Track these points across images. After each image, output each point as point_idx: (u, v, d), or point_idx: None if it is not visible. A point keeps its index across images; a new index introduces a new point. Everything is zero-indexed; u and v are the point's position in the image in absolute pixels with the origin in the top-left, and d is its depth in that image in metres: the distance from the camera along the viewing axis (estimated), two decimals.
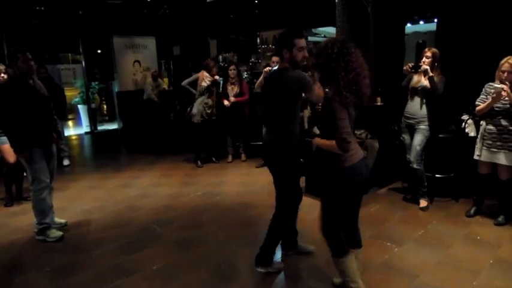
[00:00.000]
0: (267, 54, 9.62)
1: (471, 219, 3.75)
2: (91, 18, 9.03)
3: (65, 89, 6.83)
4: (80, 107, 9.74)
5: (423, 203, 4.05)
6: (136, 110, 9.19)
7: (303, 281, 2.84)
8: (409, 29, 7.81)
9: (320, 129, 2.55)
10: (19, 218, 4.14)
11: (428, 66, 3.73)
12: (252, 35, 10.83)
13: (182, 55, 10.26)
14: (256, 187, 4.97)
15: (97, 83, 10.53)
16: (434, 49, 3.84)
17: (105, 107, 12.26)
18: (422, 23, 8.54)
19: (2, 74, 4.14)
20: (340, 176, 2.27)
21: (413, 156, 3.94)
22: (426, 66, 3.73)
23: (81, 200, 4.68)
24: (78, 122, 10.35)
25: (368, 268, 2.89)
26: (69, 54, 12.16)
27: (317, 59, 2.24)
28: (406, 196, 4.33)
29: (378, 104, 4.67)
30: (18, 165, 4.19)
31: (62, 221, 3.90)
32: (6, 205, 4.50)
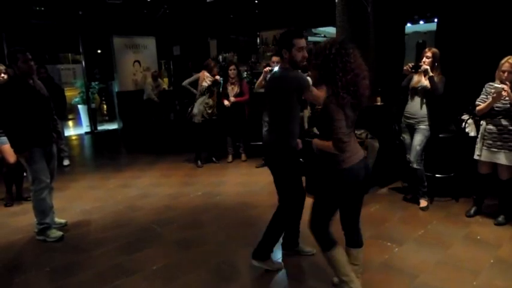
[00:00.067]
0: (267, 54, 9.62)
1: (471, 219, 3.75)
2: (91, 18, 9.03)
3: (65, 89, 6.84)
4: (80, 107, 9.75)
5: (423, 203, 4.05)
6: (136, 110, 9.19)
7: (303, 280, 2.84)
8: (409, 28, 7.81)
9: (319, 130, 2.57)
10: (19, 218, 4.14)
11: (429, 66, 3.73)
12: (252, 35, 10.83)
13: (182, 55, 10.25)
14: (256, 187, 4.97)
15: (97, 83, 10.54)
16: (435, 49, 3.84)
17: (105, 107, 12.27)
18: (423, 22, 8.55)
19: (2, 74, 4.14)
20: (337, 178, 2.28)
21: (413, 156, 3.94)
22: (426, 66, 3.73)
23: (81, 200, 4.69)
24: (78, 122, 10.36)
25: (368, 268, 2.89)
26: (69, 54, 12.17)
27: (316, 59, 2.26)
28: (406, 196, 4.33)
29: (378, 104, 4.67)
30: (18, 165, 4.20)
31: (62, 221, 3.91)
32: (6, 205, 4.50)
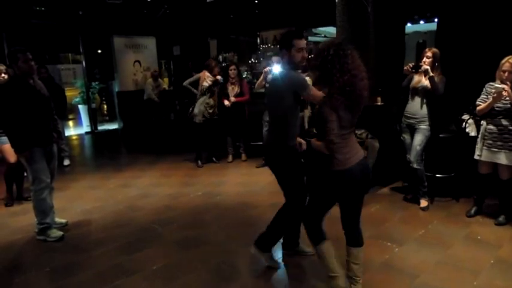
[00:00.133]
0: (267, 54, 9.64)
1: (472, 219, 3.75)
2: (91, 18, 9.03)
3: (65, 89, 6.83)
4: (81, 107, 9.76)
5: (423, 203, 4.05)
6: (136, 110, 9.19)
7: (304, 280, 2.83)
8: (410, 28, 7.81)
9: (316, 130, 2.60)
10: (19, 218, 4.14)
11: (429, 66, 3.72)
12: (252, 35, 10.84)
13: (182, 55, 10.26)
14: (256, 187, 4.97)
15: (97, 83, 10.55)
16: (435, 49, 3.84)
17: (105, 107, 12.27)
18: (423, 22, 8.54)
19: (3, 74, 4.15)
20: (334, 179, 2.31)
21: (413, 156, 3.94)
22: (427, 66, 3.72)
23: (82, 200, 4.69)
24: (78, 122, 10.36)
25: (368, 268, 2.88)
26: (70, 54, 12.16)
27: (315, 60, 2.29)
28: (407, 196, 4.32)
29: (378, 104, 4.67)
30: (18, 165, 4.20)
31: (63, 220, 3.91)
32: (6, 205, 4.50)
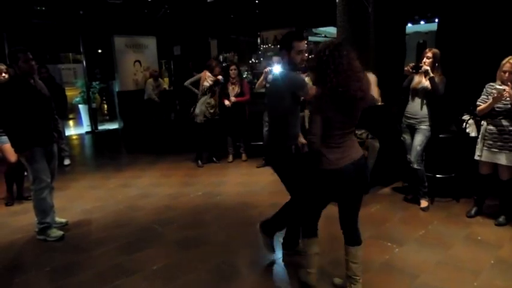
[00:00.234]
0: (268, 54, 9.64)
1: (472, 220, 3.75)
2: (92, 18, 9.04)
3: (65, 88, 6.83)
4: (81, 106, 9.76)
5: (424, 203, 4.04)
6: (137, 109, 9.19)
7: None
8: (410, 28, 7.80)
9: None
10: (20, 218, 4.14)
11: (429, 66, 3.72)
12: (252, 35, 10.84)
13: (183, 55, 10.27)
14: (256, 187, 4.96)
15: (98, 82, 10.55)
16: (435, 49, 3.84)
17: (105, 106, 12.28)
18: (423, 23, 8.53)
19: (3, 74, 4.15)
20: (321, 177, 2.38)
21: (413, 156, 3.93)
22: (427, 67, 3.72)
23: (82, 200, 4.69)
24: (78, 122, 10.37)
25: (369, 268, 2.88)
26: (70, 54, 12.16)
27: (312, 61, 2.37)
28: (407, 196, 4.32)
29: (379, 104, 4.65)
30: (19, 164, 4.20)
31: (63, 220, 3.91)
32: (7, 204, 4.51)
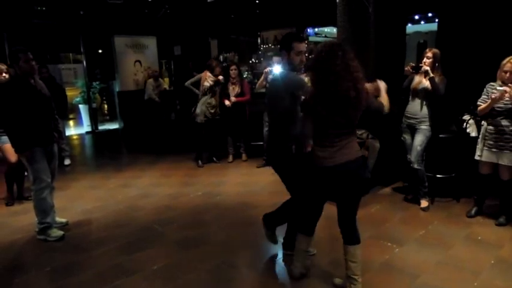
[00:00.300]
0: (268, 54, 9.64)
1: (472, 220, 3.75)
2: (92, 18, 9.04)
3: (66, 88, 6.84)
4: (81, 106, 9.76)
5: (424, 203, 4.04)
6: (137, 109, 9.20)
7: (304, 280, 2.83)
8: (410, 28, 7.79)
9: None
10: (20, 218, 4.14)
11: (429, 66, 3.72)
12: (252, 35, 10.84)
13: (183, 55, 10.26)
14: (256, 187, 4.96)
15: (98, 82, 10.55)
16: (435, 49, 3.83)
17: (106, 106, 12.29)
18: (423, 23, 8.52)
19: (4, 74, 4.14)
20: (313, 173, 2.50)
21: (414, 156, 3.93)
22: (427, 67, 3.72)
23: (82, 200, 4.69)
24: (79, 122, 10.37)
25: (369, 268, 2.88)
26: (70, 54, 12.17)
27: (309, 61, 2.46)
28: (407, 196, 4.32)
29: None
30: (19, 164, 4.20)
31: (63, 220, 3.91)
32: (7, 204, 4.51)
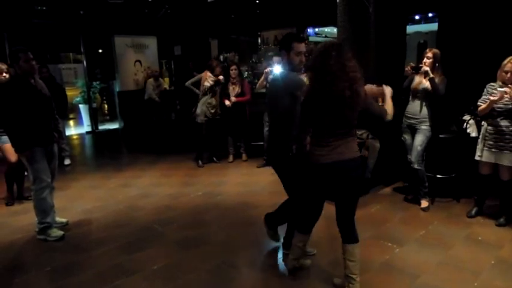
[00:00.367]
0: (268, 54, 9.63)
1: (472, 220, 3.75)
2: (92, 18, 9.04)
3: (66, 88, 6.84)
4: (81, 106, 9.75)
5: (424, 204, 4.04)
6: (137, 109, 9.19)
7: (304, 280, 2.83)
8: (411, 29, 7.78)
9: None
10: (20, 217, 4.14)
11: (429, 66, 3.72)
12: (253, 35, 10.83)
13: (183, 55, 10.25)
14: (257, 187, 4.96)
15: (98, 82, 10.54)
16: (436, 50, 3.83)
17: (106, 106, 12.28)
18: (424, 23, 8.52)
19: (4, 74, 4.15)
20: (308, 170, 2.56)
21: (414, 156, 3.93)
22: (426, 67, 3.71)
23: (82, 200, 4.69)
24: (79, 122, 10.36)
25: (369, 268, 2.88)
26: (71, 54, 12.16)
27: (308, 61, 2.50)
28: (407, 196, 4.32)
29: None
30: (19, 164, 4.20)
31: (63, 220, 3.91)
32: (7, 204, 4.51)
